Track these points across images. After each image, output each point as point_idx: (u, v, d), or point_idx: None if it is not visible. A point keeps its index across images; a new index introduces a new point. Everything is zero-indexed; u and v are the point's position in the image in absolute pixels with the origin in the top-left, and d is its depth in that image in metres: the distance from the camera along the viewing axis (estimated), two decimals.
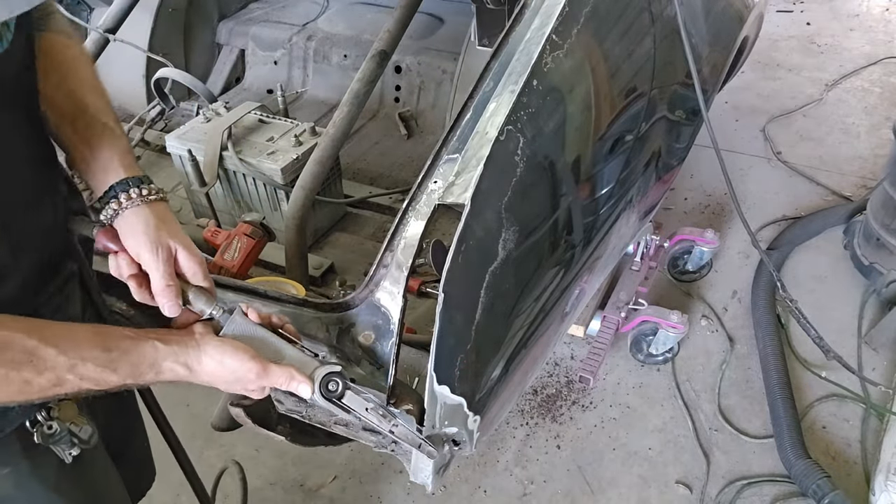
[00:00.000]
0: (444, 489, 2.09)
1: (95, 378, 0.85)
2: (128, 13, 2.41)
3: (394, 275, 1.15)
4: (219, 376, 0.93)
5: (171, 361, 0.90)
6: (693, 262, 2.67)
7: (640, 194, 1.76)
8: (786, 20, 4.48)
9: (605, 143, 1.51)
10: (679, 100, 1.80)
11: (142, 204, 0.98)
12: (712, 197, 3.09)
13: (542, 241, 1.32)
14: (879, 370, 2.35)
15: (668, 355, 2.39)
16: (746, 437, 2.19)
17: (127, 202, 0.98)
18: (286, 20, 3.24)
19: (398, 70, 2.93)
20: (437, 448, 1.25)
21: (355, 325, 1.19)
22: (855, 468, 2.08)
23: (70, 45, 1.03)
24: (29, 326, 0.83)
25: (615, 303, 2.37)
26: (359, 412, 1.01)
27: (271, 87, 3.06)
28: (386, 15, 2.08)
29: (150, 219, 0.98)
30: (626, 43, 1.54)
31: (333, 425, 1.33)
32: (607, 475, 2.12)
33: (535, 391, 2.34)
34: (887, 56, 4.03)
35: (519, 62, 1.26)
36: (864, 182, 3.14)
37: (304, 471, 2.15)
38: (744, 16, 2.25)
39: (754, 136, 3.47)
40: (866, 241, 2.57)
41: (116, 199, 0.98)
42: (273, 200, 2.19)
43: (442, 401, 1.17)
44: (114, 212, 0.98)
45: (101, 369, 0.85)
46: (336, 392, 0.98)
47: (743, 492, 2.04)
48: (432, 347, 1.13)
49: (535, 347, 1.42)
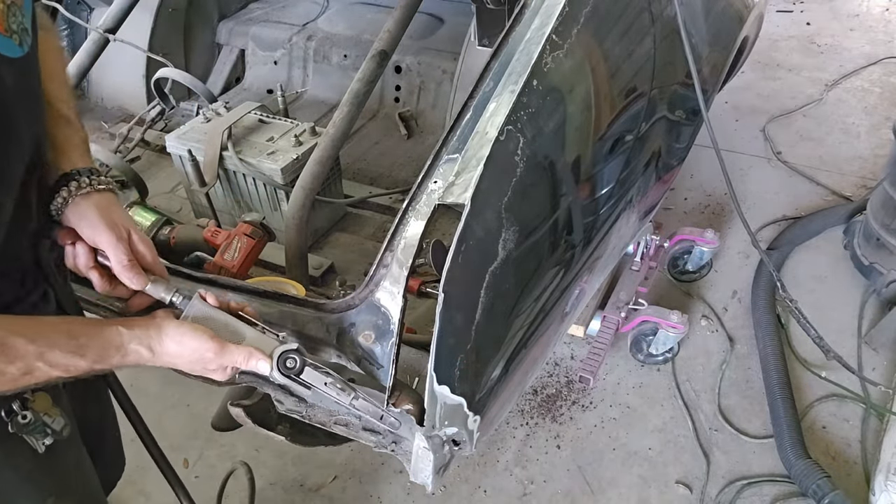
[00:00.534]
0: (444, 489, 2.09)
1: (65, 364, 0.88)
2: (128, 13, 2.41)
3: (394, 275, 1.15)
4: (180, 356, 0.97)
5: (135, 344, 0.94)
6: (693, 262, 2.67)
7: (640, 194, 1.76)
8: (786, 20, 4.49)
9: (605, 143, 1.51)
10: (679, 100, 1.80)
11: (91, 192, 1.01)
12: (712, 197, 3.09)
13: (542, 241, 1.32)
14: (879, 370, 2.35)
15: (668, 355, 2.39)
16: (746, 437, 2.18)
17: (76, 191, 1.00)
18: (286, 20, 3.24)
19: (398, 70, 2.93)
20: (437, 448, 1.25)
21: (355, 325, 1.19)
22: (855, 468, 2.08)
23: (46, 39, 1.04)
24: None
25: (615, 303, 2.37)
26: (318, 387, 1.06)
27: (271, 87, 3.07)
28: (386, 15, 2.08)
29: (101, 204, 1.02)
30: (626, 43, 1.54)
31: (333, 425, 1.33)
32: (607, 475, 2.12)
33: (535, 391, 2.34)
34: (887, 56, 4.03)
35: (519, 62, 1.26)
36: (864, 182, 3.14)
37: (304, 471, 2.15)
38: (744, 16, 2.25)
39: (754, 136, 3.47)
40: (866, 241, 2.57)
41: (66, 188, 1.00)
42: (273, 200, 2.19)
43: (442, 401, 1.17)
44: (63, 200, 1.00)
45: (70, 355, 0.88)
46: (294, 368, 1.03)
47: (743, 492, 2.04)
48: (432, 347, 1.13)
49: (535, 347, 1.42)
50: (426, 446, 1.24)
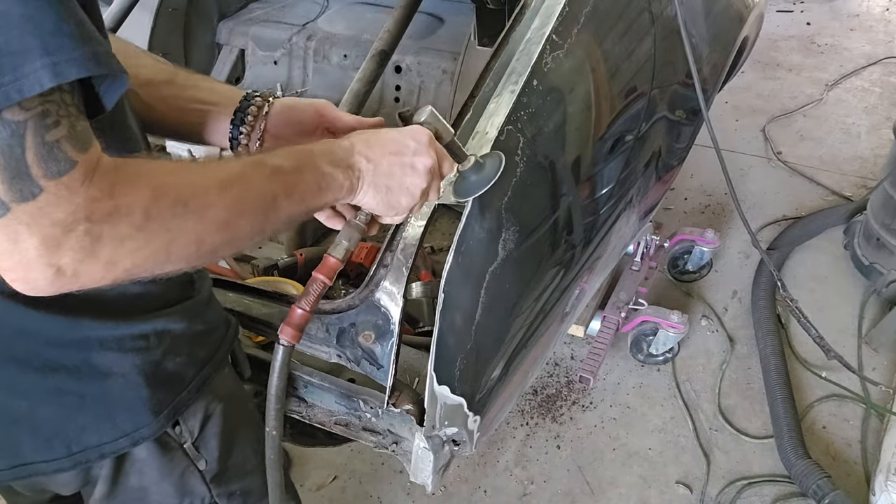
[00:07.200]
0: (444, 489, 2.09)
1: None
2: (128, 13, 2.41)
3: (394, 275, 1.15)
4: (393, 141, 0.93)
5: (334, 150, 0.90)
6: (693, 262, 2.67)
7: (640, 194, 1.76)
8: (786, 20, 4.48)
9: (606, 143, 1.50)
10: (679, 100, 1.80)
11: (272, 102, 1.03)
12: (712, 197, 3.09)
13: (542, 242, 1.32)
14: (880, 370, 2.35)
15: (668, 355, 2.39)
16: (746, 437, 2.18)
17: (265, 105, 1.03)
18: (286, 20, 3.24)
19: (398, 70, 2.93)
20: (437, 448, 1.25)
21: (355, 325, 1.19)
22: (855, 468, 2.08)
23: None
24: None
25: (615, 303, 2.37)
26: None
27: (271, 86, 3.06)
28: (386, 15, 2.08)
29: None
30: (627, 43, 1.53)
31: (333, 425, 1.33)
32: (607, 475, 2.12)
33: (535, 391, 2.34)
34: (887, 56, 4.03)
35: (519, 62, 1.26)
36: (864, 182, 3.14)
37: (304, 471, 2.15)
38: (744, 16, 2.24)
39: (754, 136, 3.47)
40: (866, 241, 2.57)
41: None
42: None
43: (442, 401, 1.17)
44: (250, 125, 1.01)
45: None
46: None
47: (743, 492, 2.04)
48: (432, 347, 1.13)
49: (536, 347, 1.42)
50: (426, 446, 1.24)
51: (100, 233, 0.64)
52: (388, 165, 0.91)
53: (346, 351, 1.21)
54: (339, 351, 1.22)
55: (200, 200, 0.72)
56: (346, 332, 1.20)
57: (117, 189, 0.65)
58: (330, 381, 1.29)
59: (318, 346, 1.23)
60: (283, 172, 0.81)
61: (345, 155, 0.88)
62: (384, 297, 1.16)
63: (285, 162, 0.82)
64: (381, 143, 0.92)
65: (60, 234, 0.62)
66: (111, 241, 0.65)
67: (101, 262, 0.66)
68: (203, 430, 1.00)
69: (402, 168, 0.92)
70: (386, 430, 1.30)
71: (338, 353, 1.22)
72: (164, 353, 0.92)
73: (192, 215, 0.71)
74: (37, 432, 0.87)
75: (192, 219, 0.71)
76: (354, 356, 1.21)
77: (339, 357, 1.23)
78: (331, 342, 1.21)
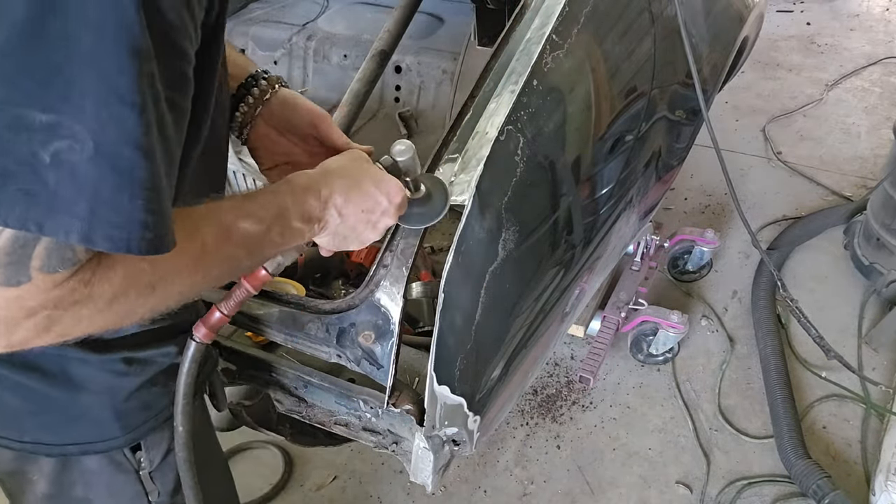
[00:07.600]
0: (444, 489, 2.09)
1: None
2: None
3: (394, 275, 1.15)
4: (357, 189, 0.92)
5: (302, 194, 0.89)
6: (693, 262, 2.67)
7: (640, 194, 1.76)
8: (786, 20, 4.48)
9: (606, 143, 1.50)
10: (679, 100, 1.80)
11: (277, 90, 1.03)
12: (712, 197, 3.09)
13: (542, 242, 1.32)
14: (880, 370, 2.35)
15: (668, 355, 2.39)
16: (746, 437, 2.18)
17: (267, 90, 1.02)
18: (286, 20, 3.24)
19: (398, 70, 2.93)
20: (437, 448, 1.25)
21: (355, 325, 1.19)
22: (855, 468, 2.08)
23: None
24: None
25: (615, 303, 2.37)
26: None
27: None
28: (386, 15, 2.08)
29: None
30: (627, 43, 1.53)
31: (333, 425, 1.33)
32: (607, 475, 2.12)
33: (535, 391, 2.34)
34: (887, 56, 4.02)
35: (519, 62, 1.26)
36: (864, 182, 3.14)
37: (304, 471, 2.15)
38: (744, 16, 2.24)
39: (754, 136, 3.47)
40: (866, 241, 2.56)
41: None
42: None
43: (442, 401, 1.17)
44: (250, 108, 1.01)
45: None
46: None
47: (743, 492, 2.04)
48: (432, 347, 1.13)
49: (536, 347, 1.42)
50: (426, 446, 1.24)
51: (60, 316, 0.65)
52: (354, 221, 0.92)
53: (346, 351, 1.21)
54: (339, 351, 1.22)
55: (168, 282, 0.72)
56: (346, 332, 1.20)
57: (96, 277, 0.65)
58: (330, 380, 1.29)
59: (318, 346, 1.23)
60: (250, 236, 0.81)
61: (318, 212, 0.88)
62: (384, 297, 1.16)
63: (256, 224, 0.81)
64: (358, 199, 0.91)
65: (22, 318, 0.63)
66: (69, 322, 0.66)
67: (52, 336, 0.66)
68: (163, 461, 1.00)
69: (366, 224, 0.94)
70: (386, 430, 1.30)
71: (338, 353, 1.22)
72: (143, 381, 0.93)
73: (157, 295, 0.72)
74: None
75: (155, 297, 0.72)
76: (354, 356, 1.21)
77: (339, 357, 1.23)
78: (331, 342, 1.21)
